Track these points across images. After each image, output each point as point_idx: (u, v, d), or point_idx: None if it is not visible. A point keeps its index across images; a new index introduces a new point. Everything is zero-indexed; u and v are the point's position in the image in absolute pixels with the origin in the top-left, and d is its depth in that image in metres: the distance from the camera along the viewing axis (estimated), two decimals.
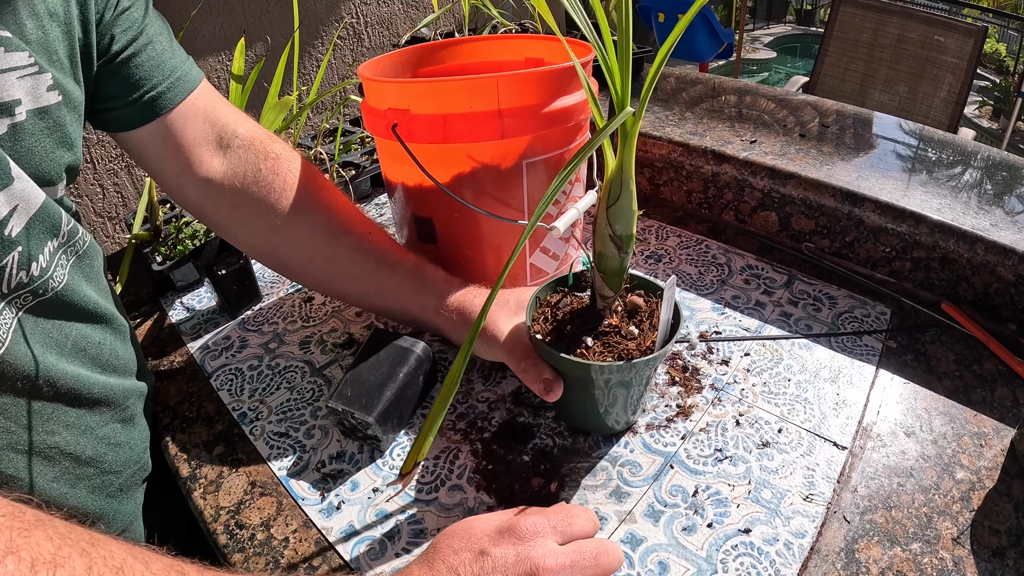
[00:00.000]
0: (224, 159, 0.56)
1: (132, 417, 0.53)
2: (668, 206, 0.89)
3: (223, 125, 0.56)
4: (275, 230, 0.57)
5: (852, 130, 0.87)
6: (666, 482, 0.49)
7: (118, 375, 0.52)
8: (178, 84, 0.53)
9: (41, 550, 0.28)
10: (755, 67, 6.21)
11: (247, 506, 0.51)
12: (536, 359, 0.49)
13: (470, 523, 0.40)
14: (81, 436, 0.47)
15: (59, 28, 0.43)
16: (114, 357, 0.51)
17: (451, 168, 0.58)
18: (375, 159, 0.96)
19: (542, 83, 0.55)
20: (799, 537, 0.45)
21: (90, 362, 0.48)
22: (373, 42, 1.19)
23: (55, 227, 0.44)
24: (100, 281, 0.52)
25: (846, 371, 0.59)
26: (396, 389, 0.53)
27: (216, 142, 0.56)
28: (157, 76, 0.51)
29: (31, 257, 0.42)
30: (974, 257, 0.65)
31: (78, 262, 0.48)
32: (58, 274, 0.45)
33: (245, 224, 0.58)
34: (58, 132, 0.44)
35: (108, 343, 0.51)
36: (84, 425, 0.47)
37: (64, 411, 0.46)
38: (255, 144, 0.57)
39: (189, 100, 0.53)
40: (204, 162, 0.55)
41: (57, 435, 0.45)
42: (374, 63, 0.65)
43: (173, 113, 0.52)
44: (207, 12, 0.93)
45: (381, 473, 0.52)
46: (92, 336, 0.49)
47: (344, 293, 0.62)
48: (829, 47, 2.18)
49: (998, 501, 0.47)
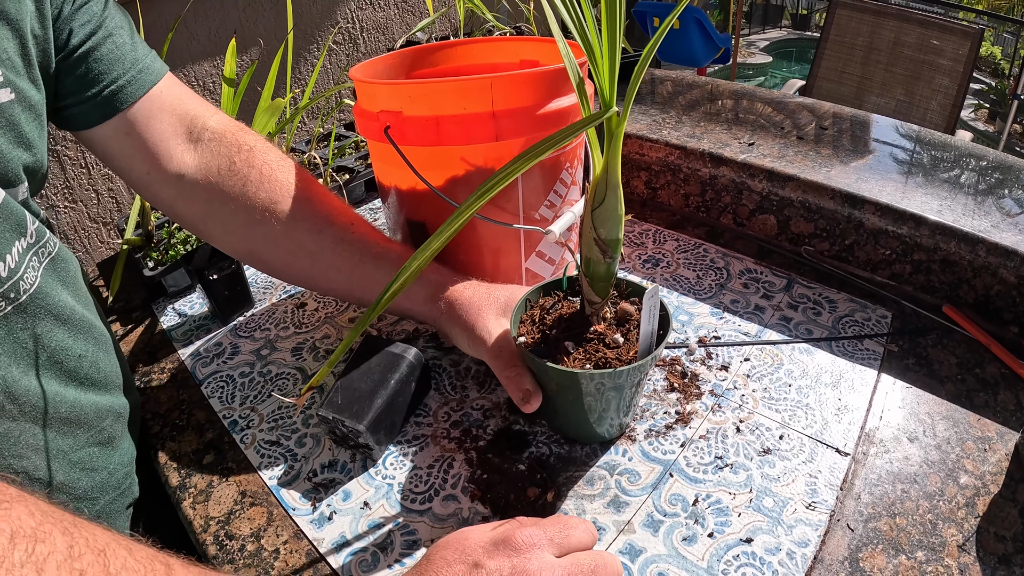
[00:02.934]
0: (195, 153, 0.54)
1: (111, 439, 0.50)
2: (665, 210, 0.88)
3: (192, 118, 0.54)
4: (253, 225, 0.55)
5: (850, 132, 0.87)
6: (665, 491, 0.48)
7: (97, 390, 0.49)
8: (139, 78, 0.51)
9: (22, 524, 0.27)
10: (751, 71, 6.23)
11: (237, 516, 0.50)
12: (521, 368, 0.48)
13: (464, 534, 0.38)
14: (52, 460, 0.44)
15: (7, 28, 0.41)
16: (94, 370, 0.49)
17: (445, 171, 0.57)
18: (369, 163, 0.95)
19: (536, 84, 0.54)
20: (802, 546, 0.44)
21: (66, 376, 0.46)
22: (368, 47, 1.19)
23: (20, 225, 0.42)
24: (78, 288, 0.50)
25: (847, 376, 0.58)
26: (387, 396, 0.52)
27: (186, 136, 0.54)
28: (117, 70, 0.49)
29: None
30: (975, 259, 0.64)
31: (51, 265, 0.46)
32: (29, 275, 0.43)
33: (221, 221, 0.56)
34: (12, 131, 0.42)
35: (89, 354, 0.48)
36: (55, 448, 0.45)
37: (32, 432, 0.43)
38: (227, 136, 0.55)
39: (152, 94, 0.51)
40: (174, 157, 0.53)
41: (24, 459, 0.42)
42: (367, 65, 0.65)
43: (135, 108, 0.50)
44: (202, 16, 0.93)
45: (374, 483, 0.51)
46: (72, 347, 0.47)
47: (329, 288, 0.60)
48: (826, 50, 2.18)
49: (1003, 506, 0.47)
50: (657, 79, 1.11)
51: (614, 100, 0.40)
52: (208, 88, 0.97)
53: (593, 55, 0.39)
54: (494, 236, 0.62)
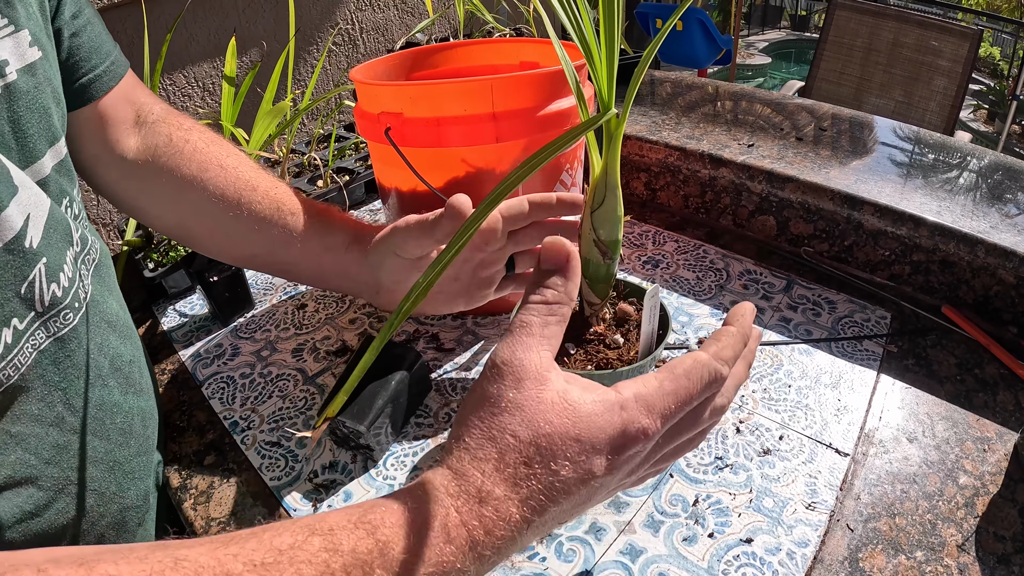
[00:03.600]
0: (140, 135, 0.54)
1: (151, 448, 0.51)
2: (665, 211, 0.88)
3: (141, 104, 0.55)
4: (182, 195, 0.55)
5: (849, 133, 0.87)
6: (666, 491, 0.49)
7: (143, 396, 0.50)
8: (113, 68, 0.51)
9: None
10: (750, 72, 6.24)
11: (238, 517, 0.50)
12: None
13: (591, 419, 0.29)
14: (108, 472, 0.45)
15: None
16: (140, 375, 0.49)
17: (445, 172, 0.58)
18: (369, 165, 0.95)
19: (537, 86, 0.54)
20: (802, 546, 0.44)
21: (123, 384, 0.46)
22: (368, 48, 1.19)
23: (67, 234, 0.42)
24: (118, 291, 0.50)
25: (847, 376, 0.58)
26: (388, 397, 0.52)
27: (135, 120, 0.54)
28: (95, 59, 0.49)
29: (58, 267, 0.40)
30: (974, 260, 0.64)
31: (97, 272, 0.46)
32: (86, 285, 0.43)
33: (153, 195, 0.55)
34: (48, 88, 0.41)
35: (137, 359, 0.49)
36: (111, 460, 0.45)
37: (92, 444, 0.43)
38: (168, 118, 0.56)
39: (120, 84, 0.52)
40: (121, 141, 0.53)
41: (83, 471, 0.42)
42: (368, 67, 0.65)
43: (106, 97, 0.51)
44: (202, 17, 0.93)
45: (375, 484, 0.51)
46: (124, 353, 0.47)
47: (252, 253, 0.57)
48: (825, 52, 2.18)
49: (1002, 507, 0.47)
50: (656, 80, 1.11)
51: (612, 102, 0.40)
52: (207, 89, 0.97)
53: (591, 57, 0.39)
54: None
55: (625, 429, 0.30)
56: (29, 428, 0.39)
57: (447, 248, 0.28)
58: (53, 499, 0.41)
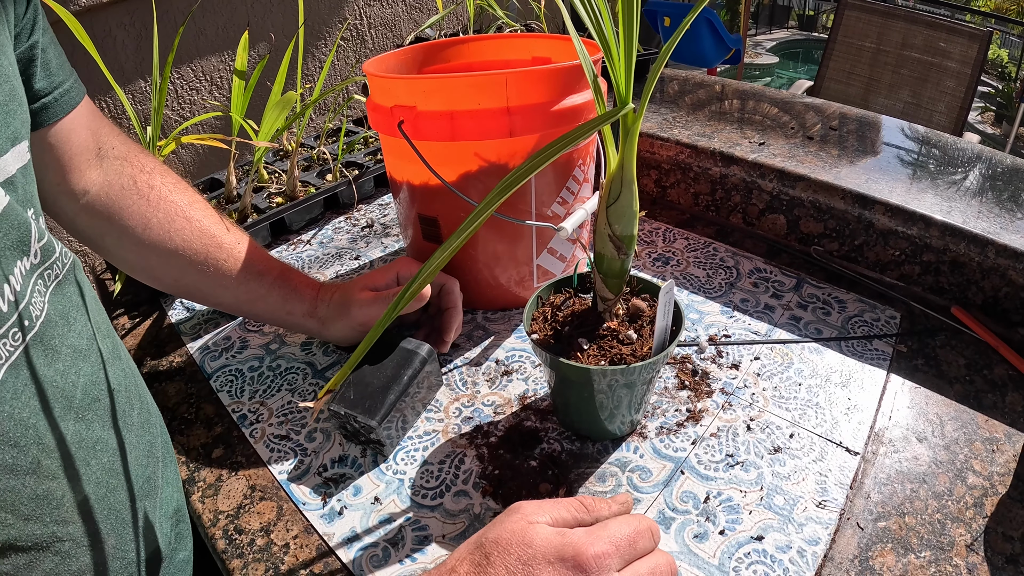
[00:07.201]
0: (101, 170, 0.53)
1: (155, 489, 0.46)
2: (675, 208, 0.88)
3: (101, 136, 0.53)
4: (147, 242, 0.55)
5: (858, 133, 0.87)
6: (677, 488, 0.49)
7: (135, 430, 0.45)
8: (70, 93, 0.48)
9: None
10: (758, 72, 6.22)
11: (247, 510, 0.50)
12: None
13: (529, 538, 0.35)
14: (101, 521, 0.39)
15: None
16: (130, 406, 0.44)
17: (458, 166, 0.58)
18: (379, 159, 0.95)
19: (551, 81, 0.54)
20: (812, 544, 0.44)
21: (103, 416, 0.40)
22: (376, 43, 1.19)
23: (23, 242, 0.36)
24: (98, 310, 0.45)
25: (857, 375, 0.58)
26: (400, 392, 0.52)
27: (95, 152, 0.53)
28: (56, 79, 0.46)
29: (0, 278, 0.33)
30: (984, 260, 0.64)
31: (58, 289, 0.39)
32: (37, 302, 0.36)
33: (118, 237, 0.55)
34: (7, 85, 0.37)
35: (124, 388, 0.44)
36: (105, 508, 0.39)
37: (77, 489, 0.37)
38: (130, 156, 0.55)
39: (76, 110, 0.49)
40: (83, 172, 0.51)
41: (70, 523, 0.36)
42: (379, 60, 0.65)
43: (62, 122, 0.48)
44: (210, 11, 0.93)
45: (384, 478, 0.51)
46: (100, 381, 0.41)
47: (218, 302, 0.62)
48: (833, 51, 2.18)
49: (1011, 507, 0.47)
50: (666, 78, 1.10)
51: (630, 96, 0.40)
52: (216, 83, 0.97)
53: (609, 51, 0.39)
54: (506, 233, 0.62)
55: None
56: (1, 481, 0.32)
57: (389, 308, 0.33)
58: (36, 560, 0.34)
